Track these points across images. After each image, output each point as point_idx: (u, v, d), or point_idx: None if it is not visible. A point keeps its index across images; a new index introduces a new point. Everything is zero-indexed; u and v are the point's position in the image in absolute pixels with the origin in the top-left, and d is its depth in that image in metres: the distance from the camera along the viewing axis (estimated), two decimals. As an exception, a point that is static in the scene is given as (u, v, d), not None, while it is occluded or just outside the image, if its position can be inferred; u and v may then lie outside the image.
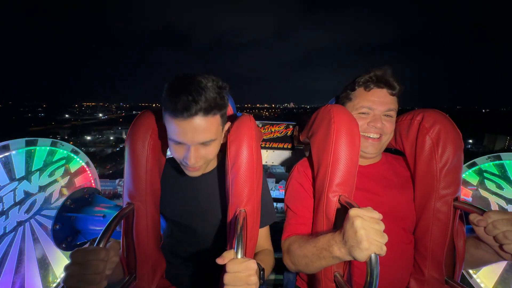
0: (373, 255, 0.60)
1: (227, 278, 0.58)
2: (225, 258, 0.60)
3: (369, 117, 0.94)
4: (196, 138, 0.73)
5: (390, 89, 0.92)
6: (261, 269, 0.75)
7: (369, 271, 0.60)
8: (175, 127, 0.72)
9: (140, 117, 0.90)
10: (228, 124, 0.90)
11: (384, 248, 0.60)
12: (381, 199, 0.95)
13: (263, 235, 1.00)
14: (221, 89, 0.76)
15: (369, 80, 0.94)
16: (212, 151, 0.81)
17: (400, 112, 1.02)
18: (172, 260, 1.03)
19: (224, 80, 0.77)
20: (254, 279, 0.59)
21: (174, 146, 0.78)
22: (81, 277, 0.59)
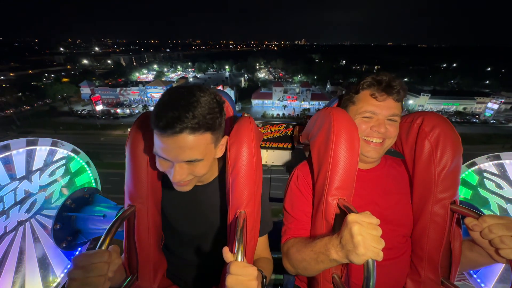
0: (370, 260, 0.61)
1: (229, 280, 0.58)
2: (228, 257, 0.61)
3: (373, 121, 0.93)
4: (180, 156, 0.69)
5: (394, 94, 0.91)
6: (263, 277, 0.75)
7: (366, 275, 0.60)
8: (159, 142, 0.68)
9: (141, 120, 0.90)
10: (224, 140, 0.84)
11: (381, 254, 0.61)
12: (379, 204, 0.96)
13: (262, 244, 0.99)
14: (218, 105, 0.72)
15: (374, 83, 0.93)
16: (199, 170, 0.75)
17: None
18: (174, 259, 1.04)
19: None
20: (255, 284, 0.60)
21: (158, 160, 0.74)
22: (85, 280, 0.59)
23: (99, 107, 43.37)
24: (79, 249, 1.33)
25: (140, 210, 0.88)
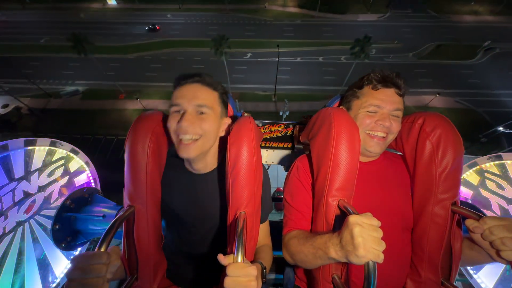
0: (370, 262, 0.60)
1: (227, 281, 0.58)
2: (226, 260, 0.60)
3: (377, 116, 0.93)
4: (192, 100, 0.81)
5: (398, 89, 0.92)
6: (263, 268, 0.74)
7: (367, 276, 0.60)
8: (175, 94, 0.83)
9: (139, 120, 0.89)
10: (228, 120, 0.94)
11: (381, 256, 0.61)
12: (379, 197, 0.95)
13: (264, 231, 1.00)
14: (223, 89, 0.91)
15: (377, 78, 0.94)
16: (207, 124, 0.83)
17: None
18: (173, 259, 1.04)
19: None
20: (254, 284, 0.59)
21: (170, 116, 0.83)
22: (83, 281, 0.59)
23: None
24: (79, 249, 1.32)
25: (140, 210, 0.87)
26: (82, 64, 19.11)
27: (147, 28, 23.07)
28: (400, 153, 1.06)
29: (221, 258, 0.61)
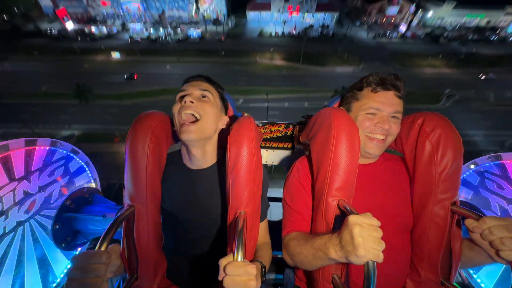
0: (370, 262, 0.60)
1: (226, 280, 0.58)
2: (222, 267, 0.61)
3: (377, 118, 0.93)
4: (196, 85, 0.92)
5: (397, 91, 0.92)
6: (263, 266, 0.75)
7: (366, 276, 0.60)
8: (184, 88, 0.93)
9: (139, 120, 0.89)
10: (227, 118, 1.01)
11: (381, 256, 0.61)
12: (379, 199, 0.96)
13: (263, 229, 1.00)
14: (223, 90, 1.03)
15: (376, 81, 0.94)
16: (207, 106, 0.90)
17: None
18: (173, 259, 1.04)
19: None
20: (254, 283, 0.59)
21: (176, 103, 0.90)
22: (83, 280, 0.59)
23: (70, 25, 35.40)
24: (79, 249, 1.32)
25: (140, 210, 0.87)
26: (80, 110, 19.97)
27: (125, 77, 25.72)
28: (401, 154, 1.06)
29: (221, 263, 0.61)
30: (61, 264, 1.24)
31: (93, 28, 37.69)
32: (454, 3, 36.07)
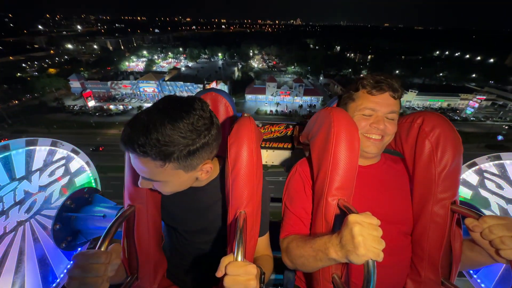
0: (370, 261, 0.61)
1: (226, 280, 0.58)
2: (223, 264, 0.60)
3: (372, 118, 0.94)
4: (138, 170, 0.71)
5: (393, 92, 0.93)
6: (262, 273, 0.75)
7: (366, 276, 0.60)
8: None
9: None
10: (209, 165, 0.79)
11: (381, 255, 0.61)
12: (379, 200, 0.96)
13: (263, 243, 0.99)
14: (197, 132, 0.67)
15: (371, 83, 0.95)
16: (160, 188, 0.77)
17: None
18: (173, 259, 1.04)
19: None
20: (254, 283, 0.59)
21: None
22: (83, 280, 0.59)
23: (91, 103, 41.97)
24: (79, 249, 1.32)
25: (140, 210, 0.87)
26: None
27: (91, 149, 27.91)
28: (401, 155, 1.06)
29: (218, 274, 0.60)
30: (61, 264, 1.24)
31: (111, 106, 43.00)
32: (416, 91, 44.06)
